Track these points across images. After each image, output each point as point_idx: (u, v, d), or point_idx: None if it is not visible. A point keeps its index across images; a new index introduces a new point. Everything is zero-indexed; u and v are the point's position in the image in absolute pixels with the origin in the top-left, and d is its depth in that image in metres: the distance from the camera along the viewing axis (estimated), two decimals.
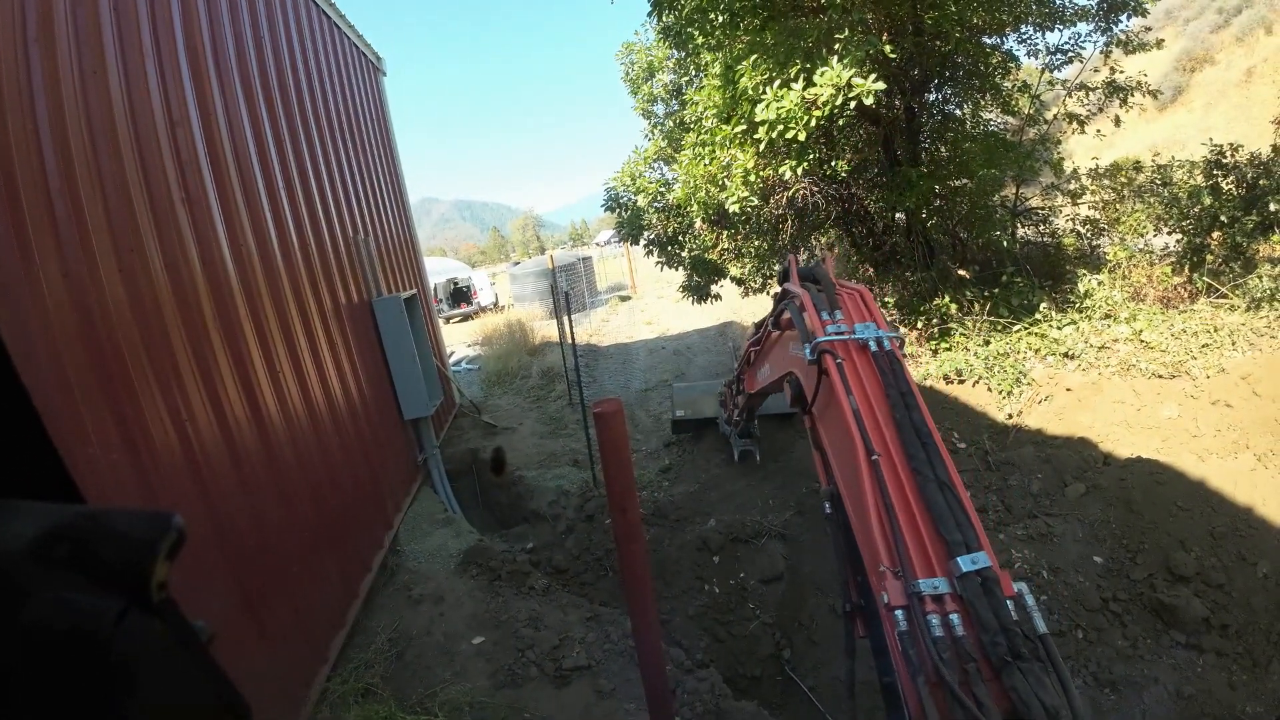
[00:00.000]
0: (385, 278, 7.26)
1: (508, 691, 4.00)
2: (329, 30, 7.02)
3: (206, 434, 3.32)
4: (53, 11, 2.85)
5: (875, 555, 2.16)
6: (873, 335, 2.69)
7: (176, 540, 0.49)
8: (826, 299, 2.92)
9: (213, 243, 3.79)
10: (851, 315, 2.83)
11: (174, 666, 0.50)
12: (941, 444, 2.34)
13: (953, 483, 2.20)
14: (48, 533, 0.47)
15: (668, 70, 11.61)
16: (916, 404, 2.45)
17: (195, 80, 3.99)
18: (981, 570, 1.95)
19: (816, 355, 2.66)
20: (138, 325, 3.01)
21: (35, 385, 2.38)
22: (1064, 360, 6.44)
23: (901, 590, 2.00)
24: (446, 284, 23.93)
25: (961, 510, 2.12)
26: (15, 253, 2.44)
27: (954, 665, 1.81)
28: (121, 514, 0.51)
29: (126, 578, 0.47)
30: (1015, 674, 1.75)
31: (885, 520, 2.16)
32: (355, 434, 5.29)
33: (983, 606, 1.88)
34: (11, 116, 2.52)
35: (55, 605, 0.45)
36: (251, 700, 0.50)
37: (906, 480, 2.24)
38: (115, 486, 2.67)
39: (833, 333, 2.73)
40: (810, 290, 3.02)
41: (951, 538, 2.04)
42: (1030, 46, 8.52)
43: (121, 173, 3.13)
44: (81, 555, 0.47)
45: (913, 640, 1.91)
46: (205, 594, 3.06)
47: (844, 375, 2.54)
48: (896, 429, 2.38)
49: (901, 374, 2.56)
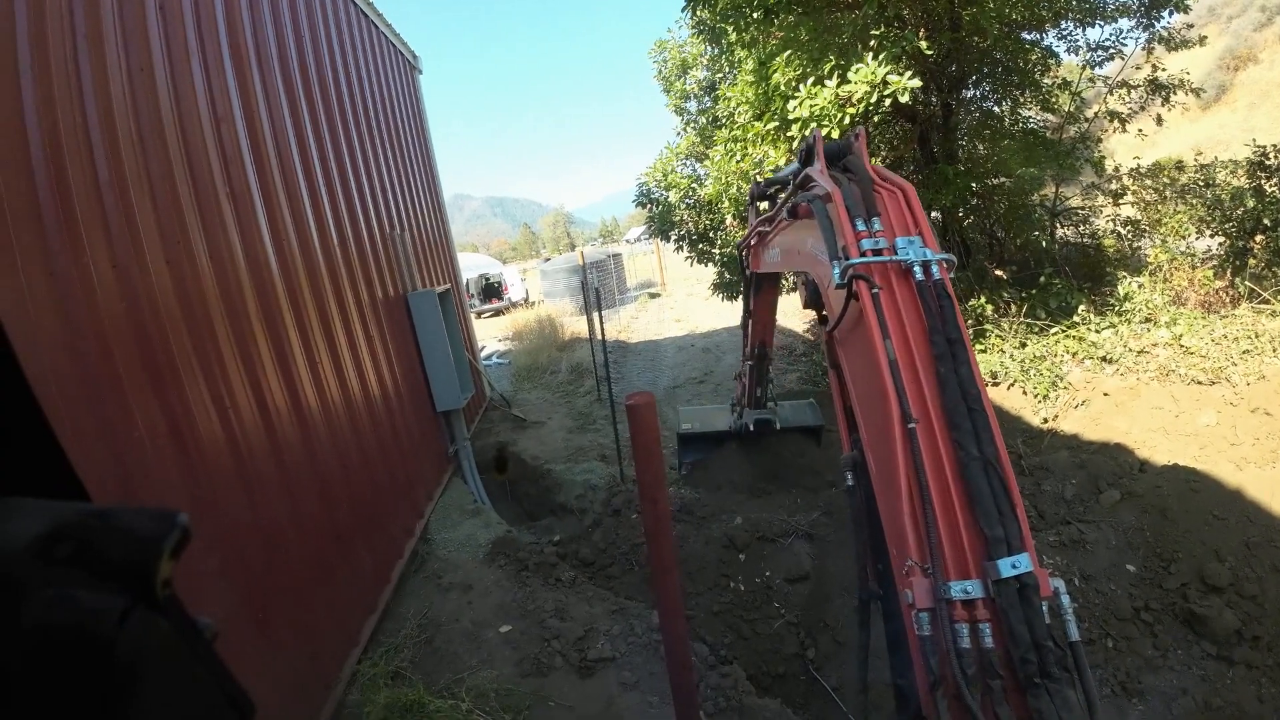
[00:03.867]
0: (420, 272, 7.39)
1: (533, 680, 4.07)
2: (367, 29, 7.15)
3: (249, 423, 3.44)
4: (100, 10, 2.95)
5: (902, 545, 1.91)
6: (920, 258, 2.15)
7: (181, 538, 0.48)
8: (862, 199, 2.33)
9: (255, 236, 3.91)
10: (893, 225, 2.27)
11: (178, 664, 0.49)
12: (991, 411, 1.96)
13: (1000, 463, 1.89)
14: (52, 530, 0.47)
15: (701, 67, 11.62)
16: (966, 356, 2.01)
17: (239, 78, 4.11)
18: (1021, 575, 1.73)
19: (847, 280, 2.15)
20: (183, 316, 3.12)
21: (84, 375, 2.48)
22: (1102, 364, 6.31)
23: (929, 591, 1.79)
24: (478, 279, 24.19)
25: (1006, 498, 1.84)
26: (66, 244, 2.54)
27: (977, 680, 1.67)
28: (126, 512, 0.50)
29: (131, 575, 0.46)
30: (1043, 696, 1.63)
31: (918, 505, 1.87)
32: (389, 424, 5.41)
33: (1017, 618, 1.69)
34: (62, 111, 2.61)
35: (59, 603, 0.44)
36: (284, 680, 0.52)
37: (947, 456, 1.92)
38: (161, 475, 2.77)
39: (869, 250, 2.20)
40: (842, 184, 2.42)
41: (992, 533, 1.78)
42: (1070, 43, 8.36)
43: (168, 167, 3.25)
44: (86, 553, 0.46)
45: (935, 648, 1.74)
46: (243, 576, 3.16)
47: (880, 311, 2.07)
48: (939, 387, 1.99)
49: (951, 314, 2.08)
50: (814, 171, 2.62)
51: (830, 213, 2.37)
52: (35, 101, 2.48)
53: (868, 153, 2.63)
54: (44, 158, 2.49)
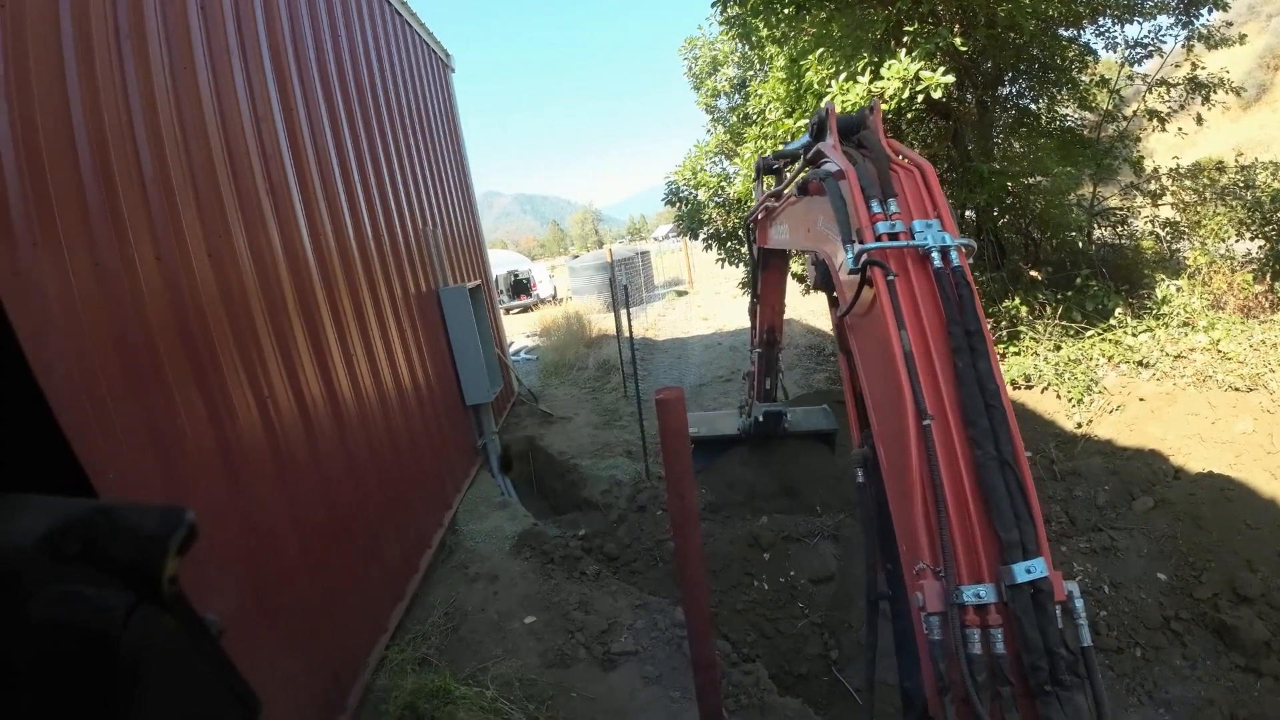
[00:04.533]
0: (451, 268, 7.50)
1: (556, 671, 4.12)
2: (401, 28, 7.27)
3: (286, 412, 3.54)
4: (143, 9, 3.04)
5: (914, 547, 1.85)
6: (938, 243, 2.03)
7: (188, 535, 0.49)
8: (878, 178, 2.19)
9: (294, 231, 4.02)
10: (910, 207, 2.15)
11: (184, 661, 0.50)
12: (1010, 408, 1.88)
13: (1018, 463, 1.82)
14: (59, 527, 0.47)
15: (731, 64, 11.58)
16: (985, 349, 1.92)
17: (278, 76, 4.22)
18: (1036, 581, 1.68)
19: (861, 266, 2.04)
20: (224, 307, 3.22)
21: (129, 364, 2.58)
22: (1138, 369, 6.19)
23: (941, 594, 1.73)
24: (507, 276, 24.41)
25: (1023, 500, 1.79)
26: (112, 236, 2.64)
27: (987, 686, 1.64)
28: (133, 508, 0.50)
29: (137, 572, 0.46)
30: (1053, 704, 1.60)
31: (932, 506, 1.80)
32: (420, 416, 5.52)
33: (1030, 624, 1.65)
34: (107, 108, 2.71)
35: (66, 600, 0.45)
36: (314, 664, 0.54)
37: (963, 455, 1.84)
38: (200, 461, 2.87)
39: (885, 233, 2.08)
40: (856, 161, 2.27)
41: (1007, 537, 1.73)
42: (1109, 39, 8.17)
43: (210, 163, 3.35)
44: (93, 549, 0.47)
45: (945, 653, 1.70)
46: (276, 563, 3.26)
47: (896, 300, 1.97)
48: (956, 382, 1.90)
49: (970, 303, 1.97)
50: (826, 147, 2.49)
51: (844, 192, 2.24)
52: (81, 98, 2.58)
53: (883, 128, 2.51)
54: (90, 153, 2.58)
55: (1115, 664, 4.19)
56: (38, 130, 2.32)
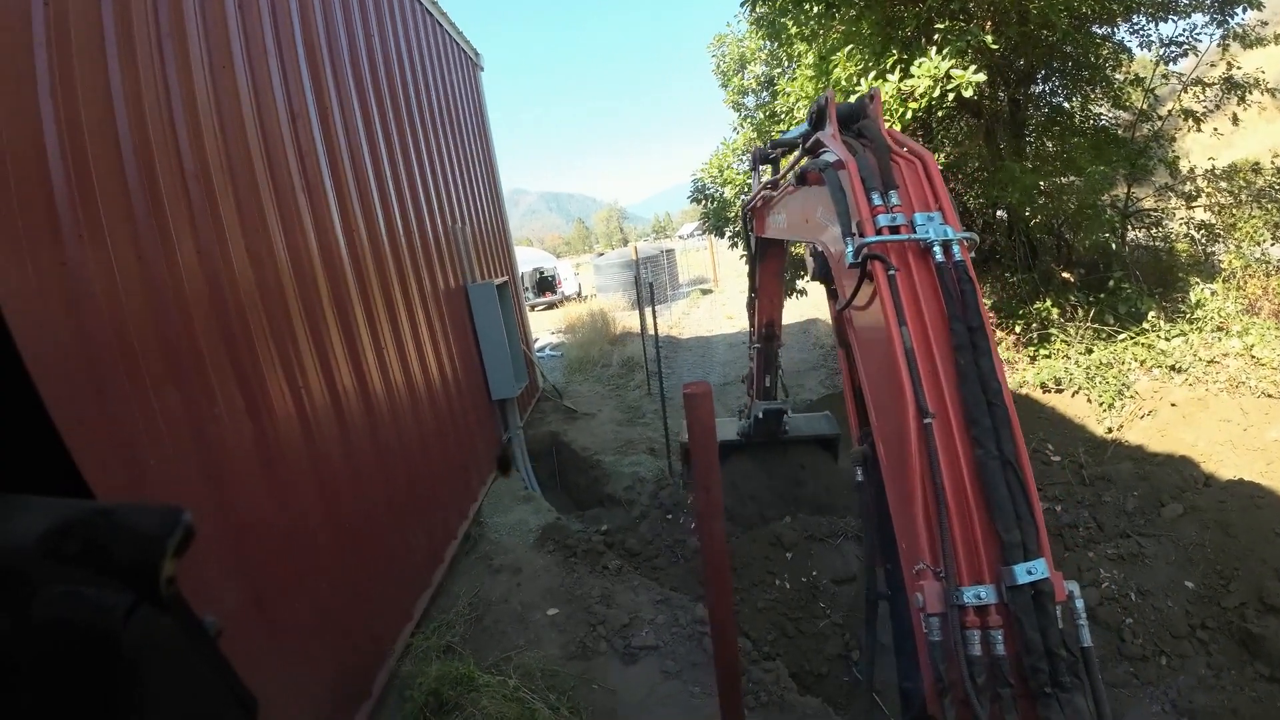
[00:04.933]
0: (479, 264, 7.60)
1: (578, 663, 4.18)
2: (431, 28, 7.37)
3: (320, 404, 3.63)
4: (183, 8, 3.14)
5: (915, 547, 1.83)
6: (940, 236, 1.99)
7: (185, 536, 0.49)
8: (878, 170, 2.14)
9: (328, 227, 4.12)
10: (911, 199, 2.10)
11: (183, 661, 0.50)
12: (1012, 406, 1.86)
13: (1019, 462, 1.80)
14: (58, 527, 0.47)
15: (759, 62, 11.53)
16: (987, 346, 1.88)
17: (313, 75, 4.32)
18: (1037, 582, 1.67)
19: (862, 260, 2.00)
20: (262, 301, 3.32)
21: (168, 351, 2.68)
22: (1170, 373, 6.09)
23: (941, 595, 1.72)
24: (532, 273, 24.59)
25: (1025, 500, 1.76)
26: (155, 231, 2.73)
27: (987, 688, 1.63)
28: (131, 509, 0.50)
29: (136, 573, 0.46)
30: (1053, 706, 1.59)
31: (933, 506, 1.78)
32: (448, 410, 5.62)
33: (1030, 625, 1.64)
34: (149, 106, 2.80)
35: (66, 600, 0.45)
36: (343, 648, 0.56)
37: (964, 454, 1.82)
38: (239, 452, 2.97)
39: (885, 227, 2.03)
40: (856, 152, 2.23)
41: (1009, 537, 1.71)
42: (1143, 37, 7.99)
43: (249, 160, 3.45)
44: (92, 550, 0.47)
45: (945, 655, 1.69)
46: (308, 549, 3.36)
47: (897, 295, 1.93)
48: (958, 379, 1.86)
49: (973, 299, 1.93)
50: (826, 136, 2.44)
51: (844, 183, 2.20)
52: (124, 96, 2.67)
53: (883, 117, 2.47)
54: (133, 150, 2.68)
55: (1140, 671, 4.15)
56: (82, 128, 2.41)
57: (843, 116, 2.45)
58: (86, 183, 2.40)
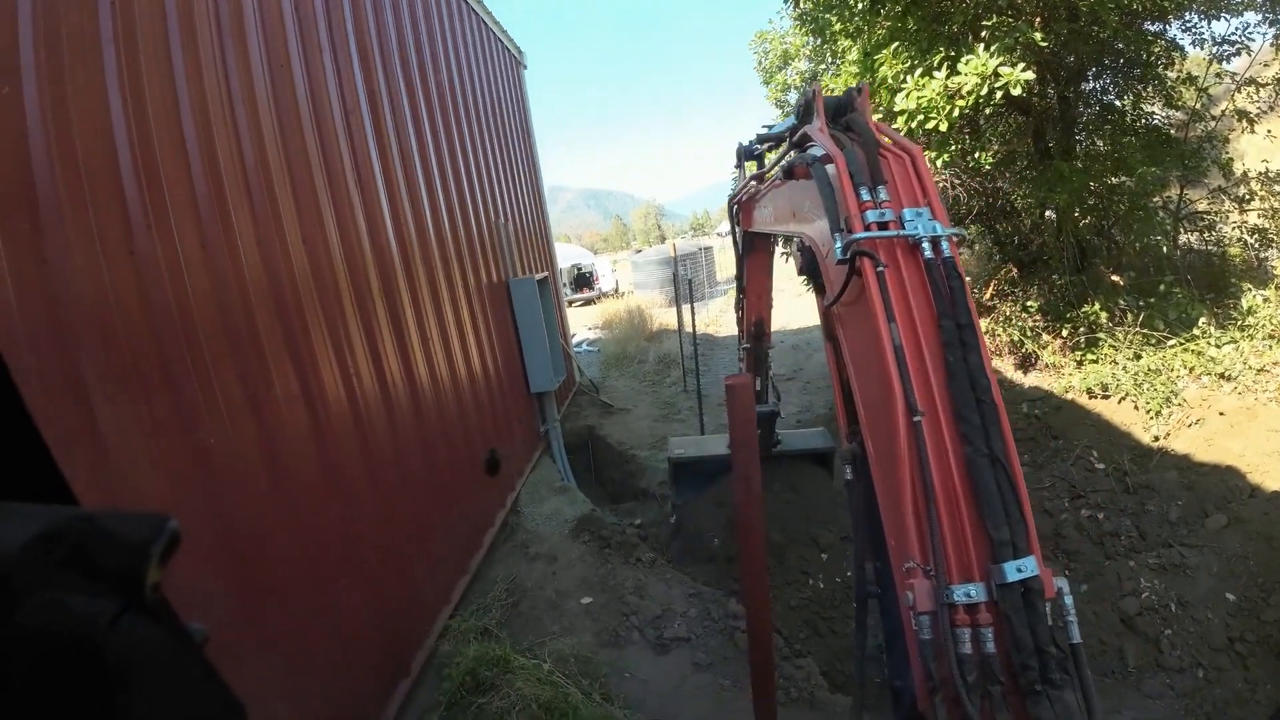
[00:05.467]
0: (521, 260, 7.73)
1: (610, 651, 4.25)
2: (476, 26, 7.51)
3: (369, 391, 3.77)
4: (243, 7, 3.27)
5: (905, 546, 1.82)
6: (929, 232, 1.97)
7: (170, 543, 0.49)
8: (867, 165, 2.11)
9: (378, 220, 4.25)
10: (900, 194, 2.08)
11: (169, 667, 0.50)
12: (1000, 403, 1.85)
13: (1008, 460, 1.79)
14: (44, 535, 0.47)
15: (802, 58, 11.43)
16: (976, 342, 1.88)
17: (364, 72, 4.45)
18: (1026, 580, 1.67)
19: (850, 256, 1.98)
20: (316, 289, 3.45)
21: (232, 333, 2.81)
22: (1219, 381, 5.89)
23: (931, 594, 1.71)
24: (570, 269, 24.78)
25: (1014, 498, 1.76)
26: (217, 221, 2.87)
27: (978, 686, 1.63)
28: (117, 516, 0.51)
29: (122, 580, 0.47)
30: (1043, 703, 1.60)
31: (923, 505, 1.78)
32: (488, 400, 5.75)
33: (1020, 623, 1.64)
34: (212, 102, 2.95)
35: (51, 607, 0.45)
36: (386, 626, 0.57)
37: (953, 452, 1.81)
38: (295, 434, 3.11)
39: (874, 222, 2.00)
40: (845, 146, 2.19)
41: (998, 535, 1.71)
42: (1195, 35, 7.70)
43: (305, 154, 3.59)
44: (77, 557, 0.47)
45: (935, 653, 1.68)
46: (356, 530, 3.49)
47: (885, 291, 1.91)
48: (947, 377, 1.86)
49: (961, 295, 1.92)
50: (813, 130, 2.39)
51: (831, 178, 2.16)
52: (189, 92, 2.81)
53: (868, 97, 2.43)
54: (197, 144, 2.82)
55: (1176, 683, 4.09)
56: (149, 120, 2.55)
57: (830, 109, 2.43)
58: (154, 176, 2.53)
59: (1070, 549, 5.18)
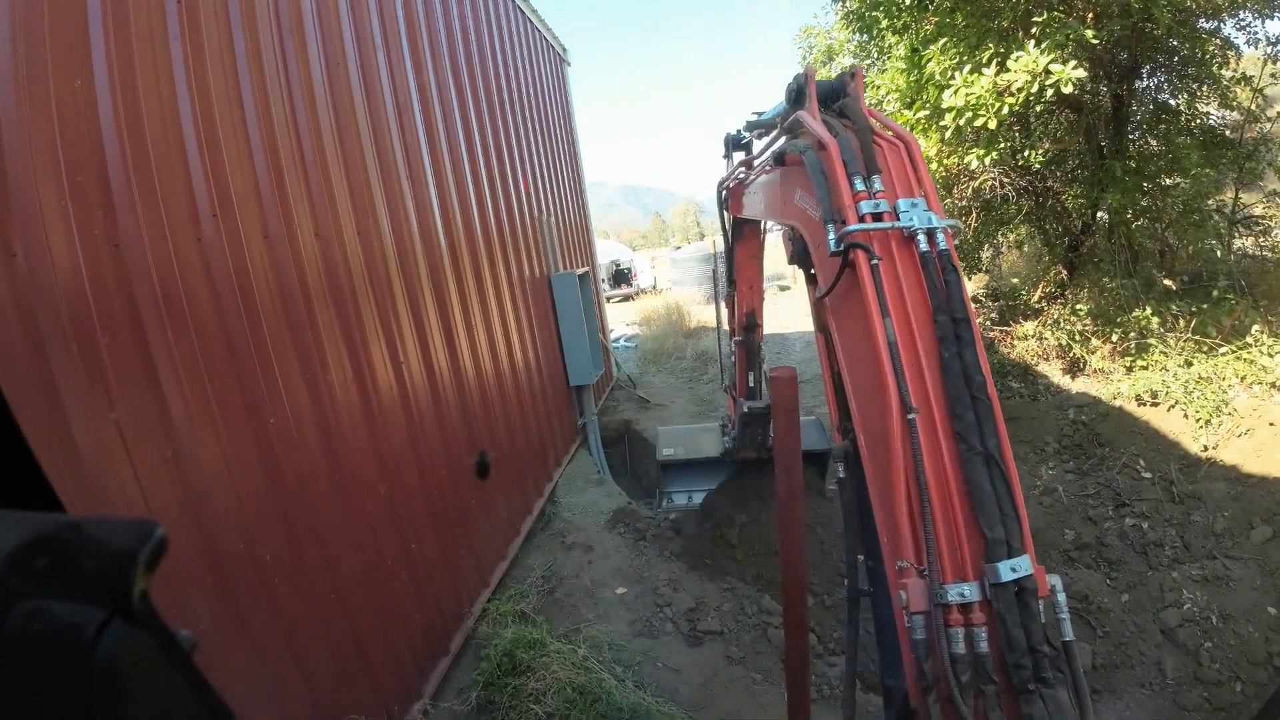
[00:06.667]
0: (562, 254, 7.84)
1: (643, 640, 4.32)
2: (522, 24, 7.63)
3: (417, 378, 3.90)
4: (300, 7, 3.39)
5: (898, 544, 1.80)
6: (924, 224, 1.92)
7: (157, 550, 0.48)
8: (862, 154, 2.05)
9: (428, 214, 4.38)
10: (895, 185, 2.03)
11: (156, 676, 0.49)
12: (996, 400, 1.82)
13: (1003, 458, 1.76)
14: (29, 542, 0.46)
15: (848, 54, 11.32)
16: (971, 337, 1.83)
17: (415, 69, 4.58)
18: (1020, 579, 1.66)
19: (843, 248, 1.93)
20: (369, 279, 3.58)
21: (292, 321, 2.94)
22: (1271, 391, 5.69)
23: (924, 593, 1.69)
24: (609, 265, 24.87)
25: (1008, 496, 1.73)
26: (278, 212, 3.00)
27: (971, 686, 1.62)
28: (102, 523, 0.50)
29: (108, 587, 0.46)
30: (1036, 703, 1.58)
31: (917, 503, 1.75)
32: (529, 391, 5.88)
33: (1014, 622, 1.63)
34: (274, 99, 3.07)
35: (37, 615, 0.44)
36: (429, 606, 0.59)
37: (947, 449, 1.78)
38: (349, 416, 3.24)
39: (868, 213, 1.95)
40: (838, 133, 2.12)
41: (992, 535, 1.69)
42: (1250, 34, 7.40)
43: (360, 149, 3.72)
44: (63, 565, 0.46)
45: (929, 653, 1.67)
46: (406, 512, 3.62)
47: (880, 284, 1.86)
48: (942, 373, 1.82)
49: (957, 289, 1.87)
50: (805, 116, 2.30)
51: (824, 167, 2.10)
52: (251, 89, 2.93)
53: (863, 82, 2.35)
54: (260, 138, 2.94)
55: (1213, 696, 4.01)
56: (215, 117, 2.67)
57: (823, 94, 2.35)
58: (219, 166, 2.66)
59: (1113, 558, 5.08)
